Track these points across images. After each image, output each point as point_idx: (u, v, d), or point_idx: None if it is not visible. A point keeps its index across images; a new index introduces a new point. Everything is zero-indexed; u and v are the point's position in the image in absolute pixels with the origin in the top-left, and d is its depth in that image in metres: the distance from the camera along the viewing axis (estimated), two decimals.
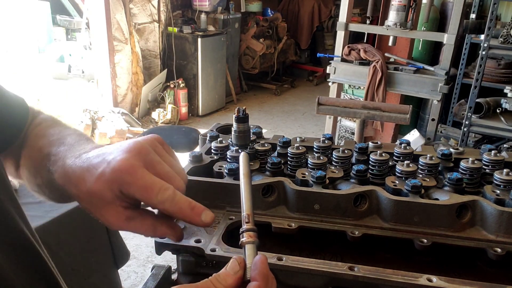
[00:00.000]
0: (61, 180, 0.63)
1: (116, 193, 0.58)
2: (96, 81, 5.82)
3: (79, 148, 0.66)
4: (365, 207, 0.91)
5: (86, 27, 5.96)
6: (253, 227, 0.59)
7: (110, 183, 0.57)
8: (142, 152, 0.59)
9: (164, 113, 5.94)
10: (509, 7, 5.44)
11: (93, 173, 0.58)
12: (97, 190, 0.58)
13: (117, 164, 0.57)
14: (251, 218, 0.60)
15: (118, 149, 0.60)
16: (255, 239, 0.58)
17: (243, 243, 0.57)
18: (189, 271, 1.01)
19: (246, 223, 0.59)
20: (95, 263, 2.02)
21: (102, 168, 0.58)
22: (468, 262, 0.91)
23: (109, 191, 0.58)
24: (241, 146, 1.10)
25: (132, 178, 0.56)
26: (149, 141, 0.62)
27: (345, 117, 4.11)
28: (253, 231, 0.58)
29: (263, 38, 7.53)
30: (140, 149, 0.59)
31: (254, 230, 0.58)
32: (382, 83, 3.56)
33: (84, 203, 0.62)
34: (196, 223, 0.59)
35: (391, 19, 3.48)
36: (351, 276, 0.77)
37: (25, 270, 0.62)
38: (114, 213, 0.60)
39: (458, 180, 0.94)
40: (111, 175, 0.57)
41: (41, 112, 0.85)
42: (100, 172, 0.58)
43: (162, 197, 0.56)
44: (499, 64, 4.41)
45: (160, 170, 0.60)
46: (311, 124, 6.50)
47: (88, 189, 0.59)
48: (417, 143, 3.59)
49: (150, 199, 0.57)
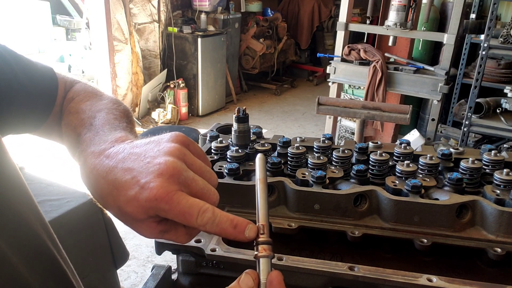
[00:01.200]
0: (84, 180, 0.61)
1: (150, 215, 0.56)
2: (96, 81, 5.82)
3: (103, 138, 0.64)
4: (365, 207, 0.91)
5: (86, 27, 5.96)
6: (269, 240, 0.56)
7: (145, 209, 0.54)
8: (175, 174, 0.55)
9: (164, 113, 5.94)
10: (509, 7, 5.44)
11: (122, 194, 0.55)
12: (129, 211, 0.55)
13: (152, 193, 0.53)
14: (266, 229, 0.56)
15: (149, 166, 0.55)
16: (270, 253, 0.55)
17: (257, 256, 0.55)
18: (189, 271, 1.02)
19: (261, 234, 0.56)
20: (94, 263, 2.02)
21: (134, 192, 0.54)
22: (468, 262, 0.91)
23: (143, 214, 0.55)
24: (241, 146, 1.10)
25: (169, 206, 0.53)
26: (177, 153, 0.58)
27: (345, 117, 4.11)
28: (268, 244, 0.55)
29: (263, 38, 7.53)
30: (173, 171, 0.55)
31: (270, 243, 0.55)
32: (382, 83, 3.56)
33: (112, 213, 0.59)
34: (241, 240, 0.56)
35: (391, 19, 3.48)
36: (351, 276, 0.77)
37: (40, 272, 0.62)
38: (147, 228, 0.58)
39: (458, 180, 0.93)
40: (146, 203, 0.54)
41: (74, 81, 0.84)
42: (133, 197, 0.54)
43: (202, 220, 0.54)
44: (499, 64, 4.41)
45: (195, 188, 0.57)
46: (311, 124, 6.50)
47: (118, 207, 0.56)
48: (417, 143, 3.59)
49: (191, 223, 0.54)
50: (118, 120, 0.71)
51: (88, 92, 0.80)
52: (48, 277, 0.64)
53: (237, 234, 0.55)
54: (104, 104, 0.75)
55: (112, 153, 0.59)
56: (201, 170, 0.60)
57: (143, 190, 0.54)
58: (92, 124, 0.69)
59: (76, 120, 0.72)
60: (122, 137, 0.64)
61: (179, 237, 0.60)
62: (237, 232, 0.55)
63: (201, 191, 0.57)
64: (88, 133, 0.67)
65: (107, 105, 0.75)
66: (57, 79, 0.80)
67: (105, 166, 0.58)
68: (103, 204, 0.60)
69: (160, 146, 0.58)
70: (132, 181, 0.55)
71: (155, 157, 0.57)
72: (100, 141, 0.63)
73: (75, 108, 0.75)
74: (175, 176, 0.55)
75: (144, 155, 0.57)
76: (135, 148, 0.59)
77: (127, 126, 0.71)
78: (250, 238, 0.55)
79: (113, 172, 0.57)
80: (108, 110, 0.73)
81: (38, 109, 0.77)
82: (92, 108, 0.74)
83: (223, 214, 0.55)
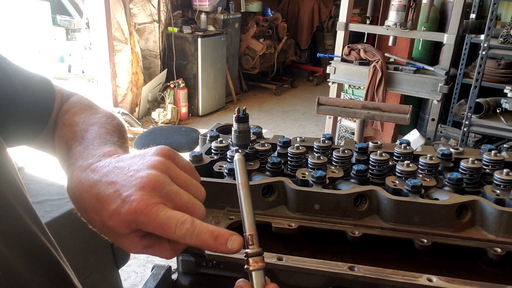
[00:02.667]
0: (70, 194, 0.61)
1: (133, 229, 0.55)
2: (96, 81, 5.82)
3: (91, 152, 0.64)
4: (365, 207, 0.91)
5: (86, 27, 5.96)
6: (259, 251, 0.54)
7: (126, 222, 0.54)
8: (157, 187, 0.55)
9: (164, 113, 5.94)
10: (509, 7, 5.44)
11: (105, 207, 0.55)
12: (112, 225, 0.55)
13: (132, 206, 0.53)
14: (255, 239, 0.54)
15: (132, 180, 0.55)
16: (262, 265, 0.53)
17: (249, 270, 0.53)
18: (189, 271, 1.02)
19: (250, 245, 0.54)
20: (95, 263, 2.02)
21: (115, 205, 0.54)
22: (468, 262, 0.91)
23: (125, 228, 0.55)
24: (241, 146, 1.10)
25: (147, 219, 0.53)
26: (161, 166, 0.57)
27: (345, 117, 4.11)
28: (259, 255, 0.53)
29: (263, 38, 7.53)
30: (155, 184, 0.54)
31: (260, 254, 0.53)
32: (382, 83, 3.56)
33: (96, 228, 0.59)
34: (224, 252, 0.53)
35: (391, 19, 3.48)
36: (351, 276, 0.77)
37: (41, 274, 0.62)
38: (130, 243, 0.57)
39: (458, 180, 0.94)
40: (127, 217, 0.53)
41: (71, 93, 0.84)
42: (114, 210, 0.54)
43: (180, 232, 0.53)
44: (499, 64, 4.41)
45: (179, 202, 0.56)
46: (311, 124, 6.50)
47: (101, 221, 0.56)
48: (417, 143, 3.58)
49: (170, 235, 0.54)
50: (110, 134, 0.71)
51: (83, 105, 0.80)
52: (50, 279, 0.64)
53: (218, 246, 0.53)
54: (98, 118, 0.75)
55: (97, 167, 0.59)
56: (186, 184, 0.59)
57: (124, 203, 0.53)
58: (84, 137, 0.68)
59: (69, 133, 0.72)
60: (110, 152, 0.64)
61: (163, 252, 0.59)
62: (218, 244, 0.53)
63: (185, 205, 0.56)
64: (79, 146, 0.67)
65: (100, 119, 0.75)
66: (54, 91, 0.80)
67: (90, 180, 0.57)
68: (86, 219, 0.59)
69: (144, 160, 0.58)
70: (115, 195, 0.54)
71: (138, 170, 0.56)
72: (88, 155, 0.63)
73: (69, 121, 0.75)
74: (157, 189, 0.54)
75: (128, 168, 0.57)
76: (120, 162, 0.59)
77: (118, 140, 0.71)
78: (234, 250, 0.53)
79: (97, 186, 0.56)
80: (101, 124, 0.73)
81: (35, 121, 0.77)
82: (86, 121, 0.74)
83: (203, 226, 0.53)
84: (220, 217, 0.93)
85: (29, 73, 0.77)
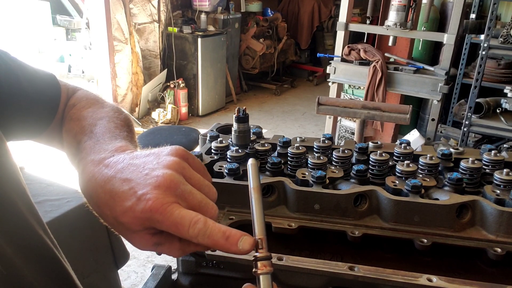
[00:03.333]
0: (82, 188, 0.61)
1: (146, 226, 0.56)
2: (96, 81, 5.82)
3: (103, 147, 0.64)
4: (365, 207, 0.91)
5: (86, 27, 5.96)
6: (268, 255, 0.54)
7: (140, 220, 0.54)
8: (172, 186, 0.55)
9: (164, 113, 5.94)
10: (509, 7, 5.44)
11: (119, 204, 0.55)
12: (125, 222, 0.55)
13: (147, 204, 0.53)
14: (264, 243, 0.55)
15: (147, 178, 0.56)
16: (270, 269, 0.53)
17: (257, 274, 0.53)
18: (189, 271, 1.02)
19: (260, 249, 0.54)
20: (95, 263, 2.02)
21: (130, 202, 0.54)
22: (468, 262, 0.91)
23: (138, 226, 0.55)
24: (241, 146, 1.10)
25: (162, 217, 0.53)
26: (176, 166, 0.58)
27: (345, 117, 4.11)
28: (267, 259, 0.54)
29: (263, 38, 7.53)
30: (170, 183, 0.55)
31: (269, 258, 0.54)
32: (382, 83, 3.56)
33: (107, 223, 0.60)
34: (234, 252, 0.54)
35: (391, 19, 3.48)
36: (351, 276, 0.77)
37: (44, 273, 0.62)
38: (141, 240, 0.58)
39: (458, 180, 0.94)
40: (141, 214, 0.54)
41: (76, 88, 0.85)
42: (129, 207, 0.54)
43: (193, 231, 0.53)
44: (499, 64, 4.41)
45: (192, 201, 0.57)
46: (311, 124, 6.50)
47: (114, 217, 0.56)
48: (417, 143, 3.59)
49: (183, 234, 0.54)
50: (119, 129, 0.71)
51: (90, 99, 0.81)
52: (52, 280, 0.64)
53: (229, 246, 0.54)
54: (106, 112, 0.76)
55: (111, 162, 0.59)
56: (200, 184, 0.60)
57: (139, 201, 0.54)
58: (93, 131, 0.69)
59: (77, 127, 0.72)
60: (122, 147, 0.64)
61: (172, 251, 0.59)
62: (229, 244, 0.54)
63: (198, 204, 0.57)
64: (89, 140, 0.67)
65: (108, 113, 0.75)
66: (59, 86, 0.81)
67: (104, 175, 0.58)
68: (99, 213, 0.60)
69: (159, 159, 0.59)
70: (129, 192, 0.55)
71: (153, 169, 0.57)
72: (100, 150, 0.63)
73: (76, 115, 0.75)
74: (172, 188, 0.55)
75: (143, 166, 0.58)
76: (135, 159, 0.59)
77: (128, 135, 0.71)
78: (244, 251, 0.54)
79: (111, 182, 0.57)
80: (109, 118, 0.73)
81: (41, 116, 0.77)
82: (94, 115, 0.74)
83: (215, 226, 0.54)
84: (220, 217, 0.93)
85: (33, 69, 0.77)
